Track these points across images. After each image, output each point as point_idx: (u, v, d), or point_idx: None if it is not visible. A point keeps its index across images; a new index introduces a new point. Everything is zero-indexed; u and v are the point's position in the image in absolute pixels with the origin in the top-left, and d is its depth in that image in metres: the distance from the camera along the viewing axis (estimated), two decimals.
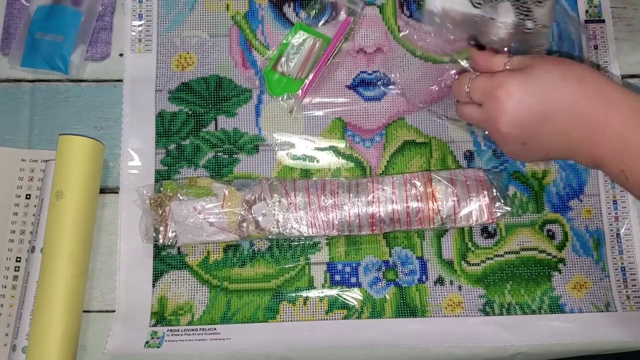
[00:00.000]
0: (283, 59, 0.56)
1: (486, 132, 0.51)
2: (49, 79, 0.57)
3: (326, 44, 0.56)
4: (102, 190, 0.54)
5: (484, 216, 0.51)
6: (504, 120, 0.45)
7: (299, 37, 0.56)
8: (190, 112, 0.56)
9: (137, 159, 0.55)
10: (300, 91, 0.55)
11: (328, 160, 0.56)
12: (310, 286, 0.53)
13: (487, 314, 0.53)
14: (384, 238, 0.54)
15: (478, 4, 0.50)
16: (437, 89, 0.55)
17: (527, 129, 0.45)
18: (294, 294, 0.53)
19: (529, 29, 0.49)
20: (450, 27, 0.51)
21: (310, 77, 0.55)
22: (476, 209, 0.51)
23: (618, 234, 0.55)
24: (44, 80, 0.57)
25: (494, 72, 0.47)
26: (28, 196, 0.54)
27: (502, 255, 0.54)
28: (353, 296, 0.53)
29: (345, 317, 0.53)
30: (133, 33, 0.57)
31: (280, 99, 0.56)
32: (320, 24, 0.57)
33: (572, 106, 0.43)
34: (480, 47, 0.51)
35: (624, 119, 0.42)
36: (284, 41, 0.56)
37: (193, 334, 0.52)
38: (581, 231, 0.55)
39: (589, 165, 0.47)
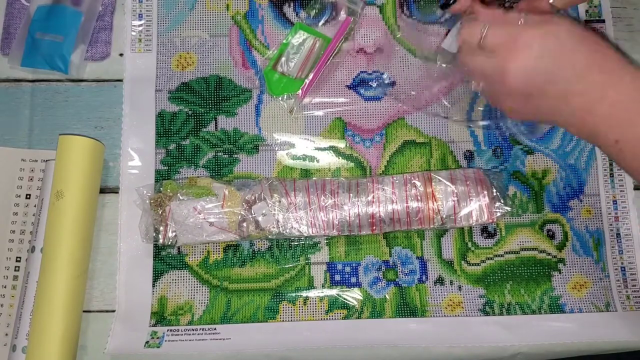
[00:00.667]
0: (283, 58, 0.56)
1: (480, 86, 0.49)
2: (49, 79, 0.57)
3: (326, 44, 0.56)
4: (102, 190, 0.54)
5: (484, 216, 0.51)
6: (516, 71, 0.44)
7: (299, 37, 0.56)
8: (190, 112, 0.56)
9: (137, 159, 0.55)
10: (300, 91, 0.55)
11: (328, 160, 0.56)
12: (310, 286, 0.53)
13: (487, 314, 0.53)
14: (384, 238, 0.54)
15: None
16: (437, 89, 0.56)
17: (534, 85, 0.44)
18: (294, 294, 0.53)
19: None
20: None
21: (310, 77, 0.55)
22: (476, 209, 0.51)
23: (618, 234, 0.55)
24: (44, 80, 0.57)
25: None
26: (28, 196, 0.54)
27: (502, 255, 0.54)
28: (353, 296, 0.53)
29: (345, 317, 0.53)
30: (133, 33, 0.57)
31: (280, 99, 0.56)
32: (320, 23, 0.57)
33: (581, 72, 0.43)
34: None
35: (623, 91, 0.42)
36: (284, 41, 0.56)
37: (193, 334, 0.52)
38: (581, 231, 0.55)
39: (582, 135, 0.46)
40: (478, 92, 0.52)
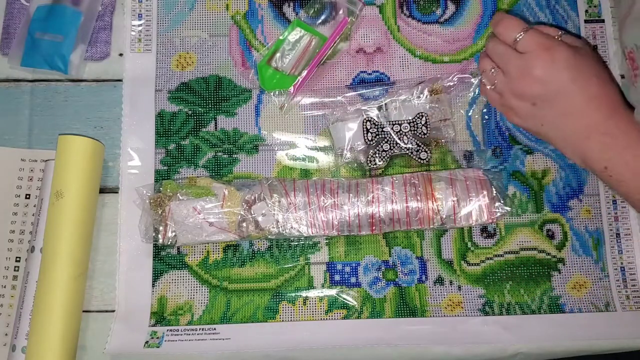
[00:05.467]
0: (278, 54, 0.56)
1: (494, 84, 0.52)
2: (49, 79, 0.57)
3: (322, 42, 0.56)
4: (102, 190, 0.54)
5: (483, 216, 0.51)
6: (537, 73, 0.48)
7: (295, 34, 0.56)
8: (190, 112, 0.56)
9: (137, 158, 0.55)
10: (292, 88, 0.55)
11: (328, 160, 0.56)
12: (310, 286, 0.53)
13: (486, 313, 0.53)
14: (383, 238, 0.54)
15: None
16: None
17: (547, 93, 0.49)
18: (293, 294, 0.53)
19: (422, 159, 0.53)
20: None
21: (304, 74, 0.55)
22: (476, 209, 0.51)
23: (618, 234, 0.55)
24: (44, 80, 0.57)
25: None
26: (28, 196, 0.54)
27: (501, 255, 0.54)
28: (353, 296, 0.53)
29: (345, 317, 0.53)
30: (133, 33, 0.57)
31: (272, 94, 0.56)
32: (319, 22, 0.57)
33: (590, 98, 0.48)
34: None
35: (618, 124, 0.48)
36: (281, 37, 0.56)
37: (193, 334, 0.52)
38: (581, 231, 0.55)
39: (575, 158, 0.51)
40: (486, 95, 0.55)
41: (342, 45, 0.57)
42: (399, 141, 0.52)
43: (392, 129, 0.52)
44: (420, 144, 0.53)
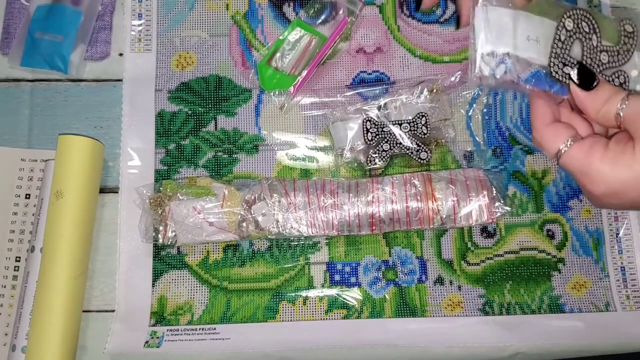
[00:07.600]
0: (278, 54, 0.56)
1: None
2: (49, 79, 0.57)
3: (322, 42, 0.56)
4: (102, 190, 0.54)
5: (483, 216, 0.51)
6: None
7: (295, 34, 0.56)
8: (190, 112, 0.56)
9: (137, 158, 0.55)
10: (292, 88, 0.55)
11: (328, 160, 0.56)
12: (310, 286, 0.53)
13: (486, 313, 0.53)
14: (383, 238, 0.54)
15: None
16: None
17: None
18: (293, 294, 0.53)
19: (422, 159, 0.52)
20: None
21: (304, 74, 0.55)
22: (476, 209, 0.51)
23: (618, 234, 0.55)
24: (44, 79, 0.57)
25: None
26: (28, 196, 0.54)
27: (501, 255, 0.54)
28: (353, 296, 0.53)
29: (345, 317, 0.53)
30: (133, 33, 0.57)
31: (272, 94, 0.56)
32: (318, 22, 0.57)
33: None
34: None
35: None
36: (281, 37, 0.56)
37: (193, 333, 0.52)
38: (581, 231, 0.55)
39: None
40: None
41: (342, 45, 0.57)
42: (399, 141, 0.52)
43: (392, 129, 0.52)
44: (420, 144, 0.53)
